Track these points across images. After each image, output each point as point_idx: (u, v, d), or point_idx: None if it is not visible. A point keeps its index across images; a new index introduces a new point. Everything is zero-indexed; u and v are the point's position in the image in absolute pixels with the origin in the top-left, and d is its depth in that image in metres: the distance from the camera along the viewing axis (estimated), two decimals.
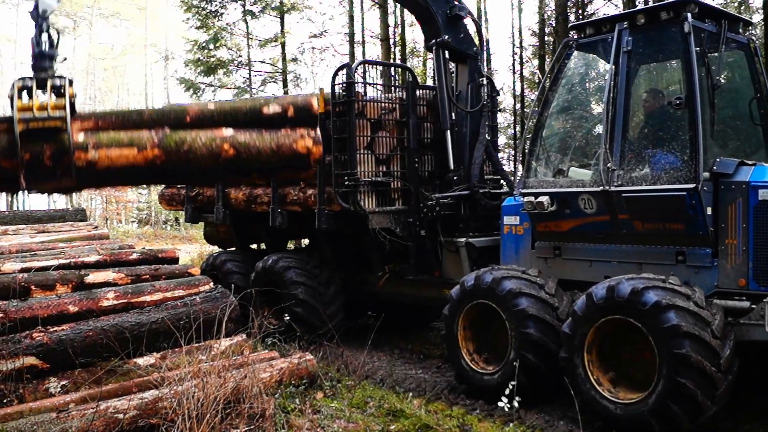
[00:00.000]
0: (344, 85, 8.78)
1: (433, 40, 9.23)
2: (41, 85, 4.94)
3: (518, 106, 24.18)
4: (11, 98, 4.81)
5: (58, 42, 5.31)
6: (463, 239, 8.71)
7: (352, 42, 26.25)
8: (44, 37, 5.21)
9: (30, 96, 4.87)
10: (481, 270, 7.54)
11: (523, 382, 6.84)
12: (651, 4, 17.43)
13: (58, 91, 4.93)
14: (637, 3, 19.11)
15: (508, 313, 7.10)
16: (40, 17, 5.24)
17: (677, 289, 6.05)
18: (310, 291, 9.68)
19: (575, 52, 7.66)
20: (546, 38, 23.22)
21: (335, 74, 8.88)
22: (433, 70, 9.62)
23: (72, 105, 4.91)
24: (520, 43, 25.36)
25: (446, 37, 9.10)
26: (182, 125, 5.24)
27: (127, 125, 5.10)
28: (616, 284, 6.17)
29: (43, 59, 5.15)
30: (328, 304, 9.76)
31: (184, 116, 5.28)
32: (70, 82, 5.01)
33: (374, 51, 27.15)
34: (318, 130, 5.62)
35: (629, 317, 6.07)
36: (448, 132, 9.18)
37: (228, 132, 5.27)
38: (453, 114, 9.24)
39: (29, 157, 4.74)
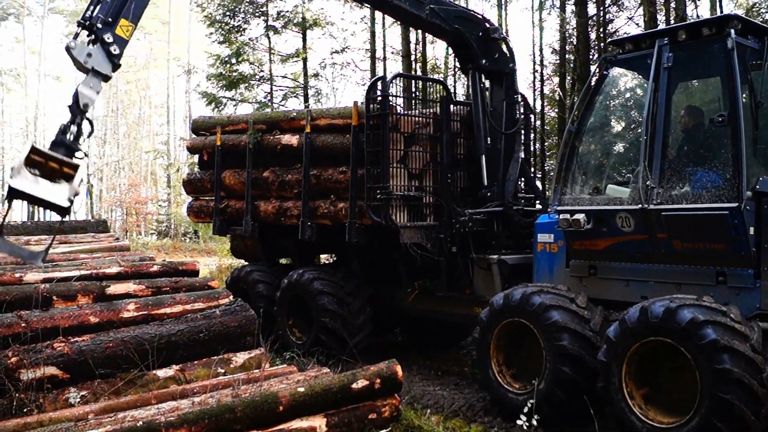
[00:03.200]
0: (379, 98, 8.72)
1: (470, 65, 9.18)
2: None
3: (538, 123, 24.10)
4: None
5: (90, 134, 5.55)
6: (495, 256, 8.59)
7: (373, 58, 26.32)
8: (73, 128, 5.35)
9: None
10: (529, 288, 7.37)
11: (559, 395, 6.76)
12: (672, 22, 17.47)
13: None
14: (658, 22, 19.05)
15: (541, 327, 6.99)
16: (78, 110, 5.40)
17: (713, 306, 5.95)
18: (336, 301, 9.62)
19: (613, 68, 7.58)
20: (567, 56, 23.18)
21: (370, 87, 8.83)
22: (468, 91, 9.57)
23: None
24: (541, 60, 25.31)
25: (484, 61, 9.07)
26: (276, 418, 5.52)
27: (221, 426, 5.22)
28: (675, 307, 5.98)
29: (59, 147, 5.35)
30: (356, 315, 9.69)
31: (276, 407, 5.53)
32: None
33: (395, 67, 27.23)
34: (398, 397, 6.29)
35: (670, 338, 5.94)
36: (483, 157, 9.11)
37: (323, 428, 5.73)
38: (489, 139, 9.16)
39: None
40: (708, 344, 5.65)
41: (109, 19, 5.65)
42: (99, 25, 5.59)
